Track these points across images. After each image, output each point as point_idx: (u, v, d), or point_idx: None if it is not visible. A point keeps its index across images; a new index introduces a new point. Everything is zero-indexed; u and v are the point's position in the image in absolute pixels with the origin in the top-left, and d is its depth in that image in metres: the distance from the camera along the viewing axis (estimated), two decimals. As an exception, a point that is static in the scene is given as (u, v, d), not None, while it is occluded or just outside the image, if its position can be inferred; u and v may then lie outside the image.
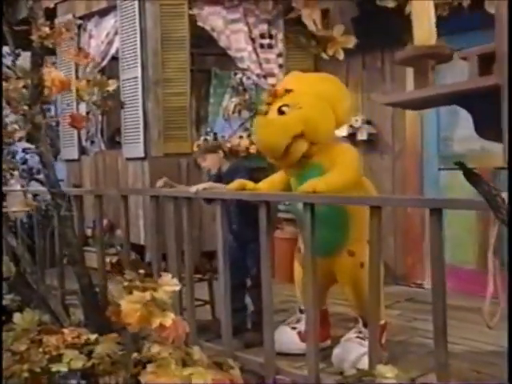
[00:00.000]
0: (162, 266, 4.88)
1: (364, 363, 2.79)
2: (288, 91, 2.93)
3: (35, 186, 4.37)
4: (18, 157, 8.06)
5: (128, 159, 5.51)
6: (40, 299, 3.77)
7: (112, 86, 3.76)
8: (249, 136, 5.40)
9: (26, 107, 3.43)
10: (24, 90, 3.46)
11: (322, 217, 2.66)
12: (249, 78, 6.61)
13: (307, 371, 2.65)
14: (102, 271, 3.81)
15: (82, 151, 6.13)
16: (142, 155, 5.28)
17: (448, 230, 4.53)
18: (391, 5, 2.77)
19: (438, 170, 4.61)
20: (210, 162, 3.58)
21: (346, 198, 2.63)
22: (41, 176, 7.90)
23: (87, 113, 5.97)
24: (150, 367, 2.31)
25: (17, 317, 3.14)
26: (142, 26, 5.17)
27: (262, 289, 2.87)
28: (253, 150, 5.16)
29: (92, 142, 6.13)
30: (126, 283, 2.32)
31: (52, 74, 3.40)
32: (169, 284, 2.23)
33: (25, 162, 8.29)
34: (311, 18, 2.12)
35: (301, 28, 5.24)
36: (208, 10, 5.23)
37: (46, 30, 2.71)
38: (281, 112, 2.91)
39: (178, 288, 2.24)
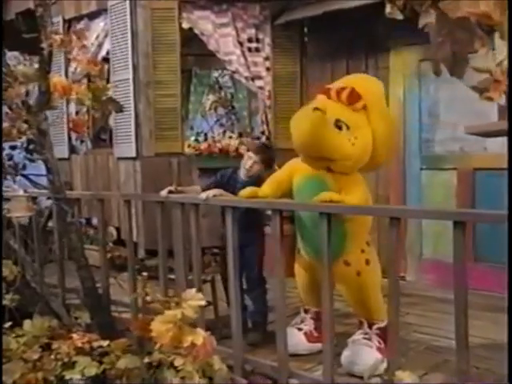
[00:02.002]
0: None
1: (374, 366, 2.70)
2: (364, 108, 2.66)
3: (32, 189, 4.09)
4: (4, 153, 7.67)
5: (119, 158, 5.26)
6: (43, 302, 3.56)
7: (111, 90, 3.55)
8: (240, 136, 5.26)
9: (24, 113, 3.20)
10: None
11: (319, 228, 2.51)
12: (224, 76, 6.49)
13: (322, 374, 2.52)
14: (104, 273, 3.58)
15: (72, 150, 5.84)
16: (134, 155, 5.05)
17: (430, 225, 4.50)
18: (400, 17, 2.60)
19: (419, 169, 4.55)
20: (259, 168, 3.25)
21: (365, 209, 2.49)
22: (26, 171, 7.58)
23: (76, 113, 5.70)
24: (174, 380, 2.15)
25: (27, 324, 2.93)
26: (133, 30, 4.92)
27: (275, 295, 2.73)
28: (242, 150, 5.00)
29: (82, 141, 5.85)
30: (148, 298, 2.14)
31: (54, 79, 3.17)
32: (194, 299, 2.06)
33: (11, 158, 7.91)
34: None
35: (288, 33, 5.10)
36: (197, 15, 5.02)
37: (57, 38, 2.47)
38: (338, 126, 2.61)
39: (203, 303, 2.07)
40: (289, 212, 3.16)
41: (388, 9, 2.86)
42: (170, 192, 3.16)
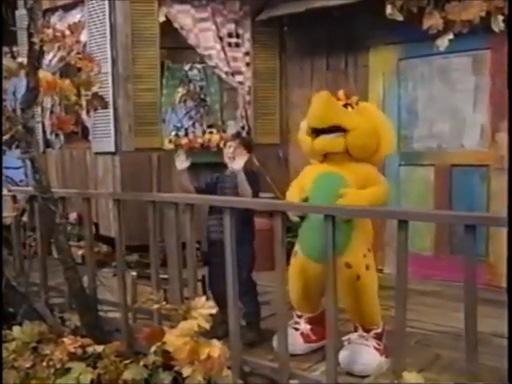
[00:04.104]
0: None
1: (374, 364, 2.63)
2: (357, 103, 2.78)
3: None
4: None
5: (97, 153, 5.02)
6: (28, 305, 3.34)
7: (97, 85, 3.33)
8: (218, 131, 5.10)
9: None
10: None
11: (323, 228, 2.42)
12: (193, 69, 6.30)
13: (326, 375, 2.43)
14: (92, 274, 3.38)
15: (47, 144, 5.54)
16: (113, 150, 4.82)
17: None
18: (400, 18, 2.53)
19: (398, 165, 4.51)
20: (241, 153, 3.15)
21: (373, 212, 2.40)
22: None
23: (51, 106, 5.40)
24: (183, 389, 2.01)
25: (16, 330, 2.72)
26: (112, 22, 4.67)
27: (276, 299, 2.61)
28: (223, 145, 4.83)
29: (57, 135, 5.56)
30: (155, 306, 1.98)
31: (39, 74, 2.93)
32: (204, 307, 1.92)
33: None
34: None
35: (268, 29, 4.95)
36: (177, 9, 4.82)
37: (49, 32, 2.25)
38: (345, 106, 2.73)
39: (214, 311, 1.93)
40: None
41: (388, 10, 2.78)
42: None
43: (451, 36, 2.26)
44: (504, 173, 4.03)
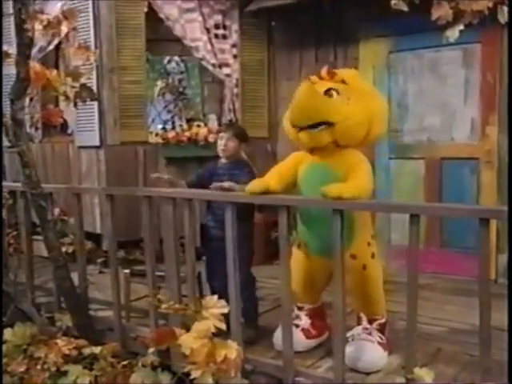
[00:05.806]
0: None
1: (378, 361, 2.59)
2: (344, 82, 2.59)
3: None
4: None
5: (80, 147, 4.85)
6: (14, 305, 3.20)
7: (85, 76, 3.20)
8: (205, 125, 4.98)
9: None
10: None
11: (327, 220, 2.36)
12: (170, 62, 6.19)
13: (333, 372, 2.38)
14: (82, 272, 3.26)
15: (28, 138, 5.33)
16: (97, 143, 4.66)
17: (399, 214, 4.44)
18: (405, 8, 2.47)
19: (388, 158, 4.48)
20: (234, 145, 3.08)
21: (382, 206, 2.34)
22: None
23: (31, 99, 5.19)
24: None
25: (8, 332, 2.58)
26: (96, 12, 4.50)
27: (281, 296, 2.52)
28: (211, 138, 4.73)
29: (36, 129, 5.35)
30: (164, 306, 1.89)
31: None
32: (216, 306, 1.83)
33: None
34: None
35: (256, 21, 4.85)
36: (163, -1, 4.67)
37: (43, 18, 2.11)
38: (328, 93, 2.52)
39: (226, 310, 1.85)
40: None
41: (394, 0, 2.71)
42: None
43: (462, 27, 2.21)
44: (492, 166, 4.05)
